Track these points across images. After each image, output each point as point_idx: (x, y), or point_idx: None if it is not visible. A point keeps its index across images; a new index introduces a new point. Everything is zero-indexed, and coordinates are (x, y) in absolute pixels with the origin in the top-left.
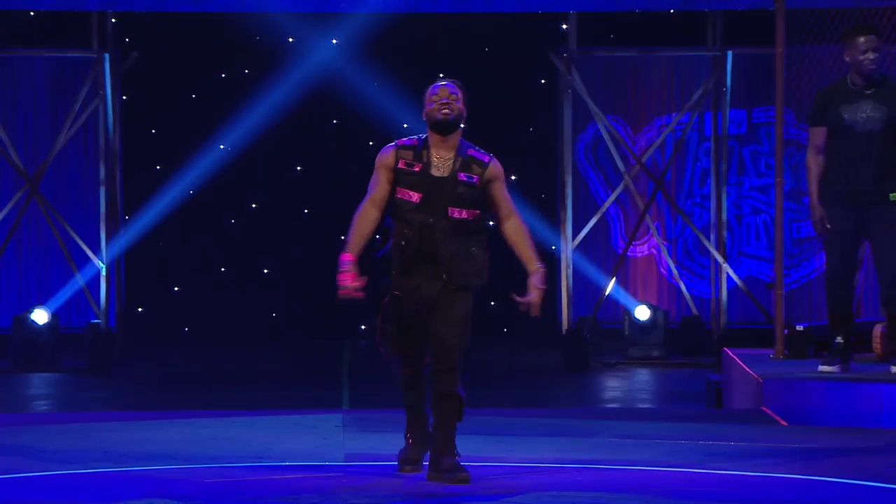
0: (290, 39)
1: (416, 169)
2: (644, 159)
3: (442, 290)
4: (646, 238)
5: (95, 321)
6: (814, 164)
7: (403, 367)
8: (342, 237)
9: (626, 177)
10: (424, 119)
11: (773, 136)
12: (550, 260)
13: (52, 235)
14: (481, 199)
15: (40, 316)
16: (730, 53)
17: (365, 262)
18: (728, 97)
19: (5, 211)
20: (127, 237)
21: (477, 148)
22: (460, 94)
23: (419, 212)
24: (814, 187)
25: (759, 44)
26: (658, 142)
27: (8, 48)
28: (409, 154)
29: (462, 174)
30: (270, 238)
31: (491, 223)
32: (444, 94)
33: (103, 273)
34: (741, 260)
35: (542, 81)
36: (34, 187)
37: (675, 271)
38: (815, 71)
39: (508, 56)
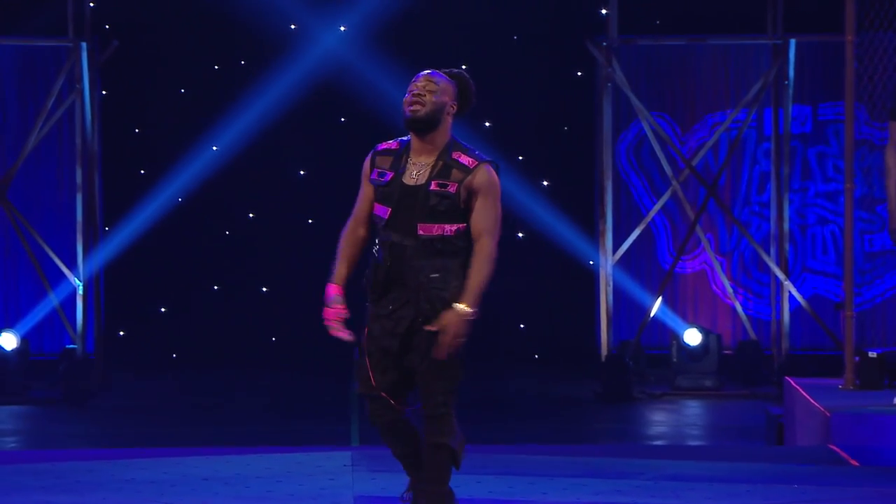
0: (292, 26)
1: (387, 178)
2: (694, 162)
3: (419, 321)
4: (696, 252)
5: (71, 346)
6: (894, 163)
7: (371, 414)
8: None
9: (674, 182)
10: None
11: (843, 135)
12: (588, 276)
13: (21, 249)
14: (464, 212)
15: (8, 341)
16: (793, 42)
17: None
18: (790, 91)
19: None
20: (107, 251)
21: (470, 150)
22: (445, 86)
23: (389, 229)
24: (893, 190)
25: (827, 31)
26: (710, 142)
27: None
28: (387, 161)
29: (435, 182)
30: (269, 252)
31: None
32: (419, 85)
33: (80, 292)
34: (805, 277)
35: (579, 74)
36: (1, 194)
37: (729, 290)
38: (891, 61)
39: (540, 45)
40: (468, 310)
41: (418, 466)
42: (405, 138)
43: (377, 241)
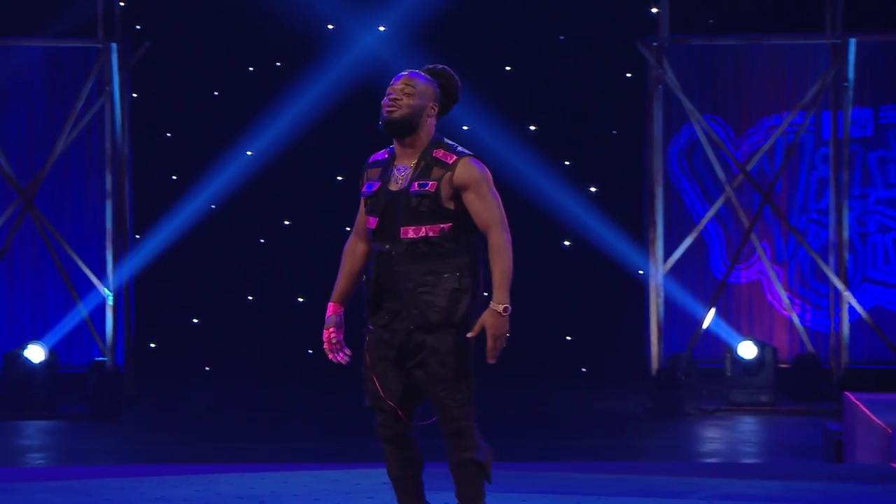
0: (330, 26)
1: (374, 188)
2: (749, 167)
3: (417, 332)
4: (751, 261)
5: (100, 359)
6: None
7: (379, 426)
8: None
9: (728, 188)
10: None
11: None
12: (638, 287)
13: (49, 257)
14: (449, 211)
15: (35, 353)
16: (853, 41)
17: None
18: (850, 93)
19: None
20: (137, 260)
21: (453, 147)
22: (424, 88)
23: (376, 240)
24: None
25: (888, 29)
26: (766, 146)
27: None
28: (377, 172)
29: (416, 183)
30: (306, 261)
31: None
32: (396, 89)
33: (109, 302)
34: (866, 287)
35: (628, 75)
36: (29, 201)
37: (786, 301)
38: None
39: (587, 45)
40: (502, 305)
41: (410, 494)
42: (393, 146)
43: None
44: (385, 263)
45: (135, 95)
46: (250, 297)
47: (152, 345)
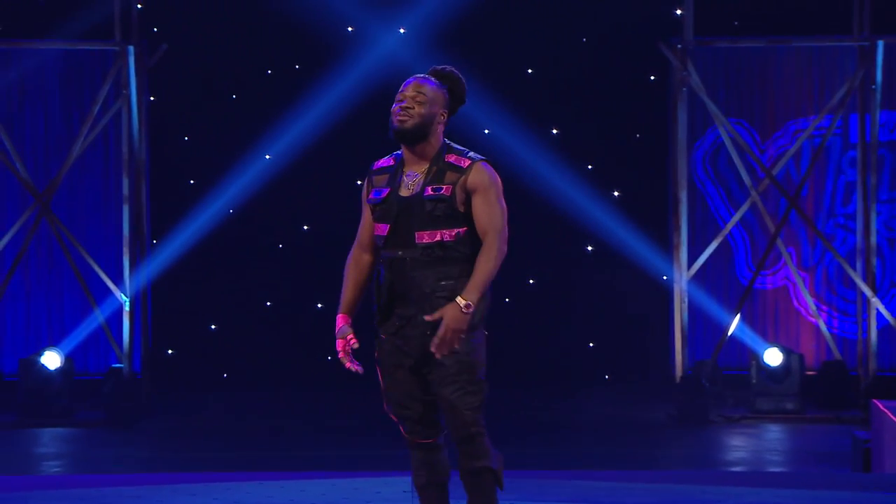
0: (349, 28)
1: (384, 194)
2: (775, 172)
3: (429, 335)
4: (777, 266)
5: (117, 365)
6: None
7: (406, 434)
8: None
9: (754, 192)
10: None
11: None
12: (662, 292)
13: (65, 263)
14: (463, 215)
15: (52, 359)
16: (880, 43)
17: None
18: (878, 96)
19: (11, 234)
20: (154, 265)
21: (464, 151)
22: (434, 95)
23: (388, 246)
24: None
25: None
26: (792, 150)
27: (13, 40)
28: (384, 178)
29: (430, 188)
30: (325, 266)
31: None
32: (406, 94)
33: (126, 308)
34: (894, 293)
35: (652, 78)
36: (45, 205)
37: (812, 307)
38: None
39: (611, 47)
40: (465, 302)
41: (435, 498)
42: (399, 152)
43: (381, 263)
44: (399, 269)
45: (152, 98)
46: (269, 303)
47: (169, 351)
